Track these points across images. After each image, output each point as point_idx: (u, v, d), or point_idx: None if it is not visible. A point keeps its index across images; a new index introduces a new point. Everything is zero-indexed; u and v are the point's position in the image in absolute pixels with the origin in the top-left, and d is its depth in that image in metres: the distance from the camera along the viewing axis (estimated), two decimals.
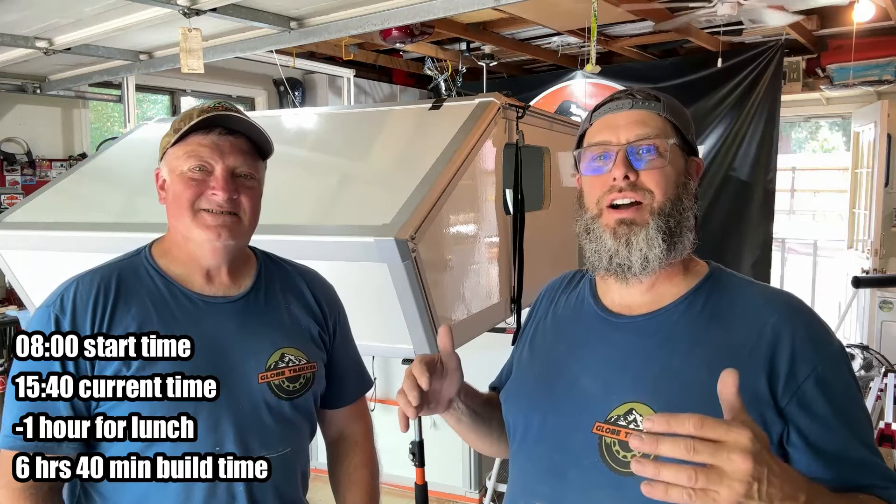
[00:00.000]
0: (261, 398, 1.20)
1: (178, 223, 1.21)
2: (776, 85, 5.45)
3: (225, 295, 1.24)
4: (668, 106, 1.05)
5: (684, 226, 1.01)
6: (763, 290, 1.03)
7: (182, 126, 1.19)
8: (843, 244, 6.28)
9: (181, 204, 1.19)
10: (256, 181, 1.25)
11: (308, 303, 1.34)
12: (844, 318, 4.97)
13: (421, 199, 1.78)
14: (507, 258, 2.32)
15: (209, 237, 1.18)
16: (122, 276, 1.19)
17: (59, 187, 2.60)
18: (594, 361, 1.02)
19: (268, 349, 1.23)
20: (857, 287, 4.37)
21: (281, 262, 1.38)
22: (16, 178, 4.31)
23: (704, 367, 0.92)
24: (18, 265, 2.47)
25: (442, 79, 5.86)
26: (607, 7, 3.97)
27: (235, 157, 1.20)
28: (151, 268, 1.22)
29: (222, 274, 1.24)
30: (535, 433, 1.06)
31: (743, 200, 5.60)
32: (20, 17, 2.87)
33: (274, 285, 1.31)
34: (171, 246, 1.25)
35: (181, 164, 1.19)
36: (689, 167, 1.05)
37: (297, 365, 1.26)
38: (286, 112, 2.79)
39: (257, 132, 1.23)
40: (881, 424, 2.69)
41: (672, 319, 1.00)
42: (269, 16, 2.85)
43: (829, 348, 0.95)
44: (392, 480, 3.61)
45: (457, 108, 2.21)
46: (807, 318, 0.97)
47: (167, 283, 1.21)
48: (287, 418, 1.24)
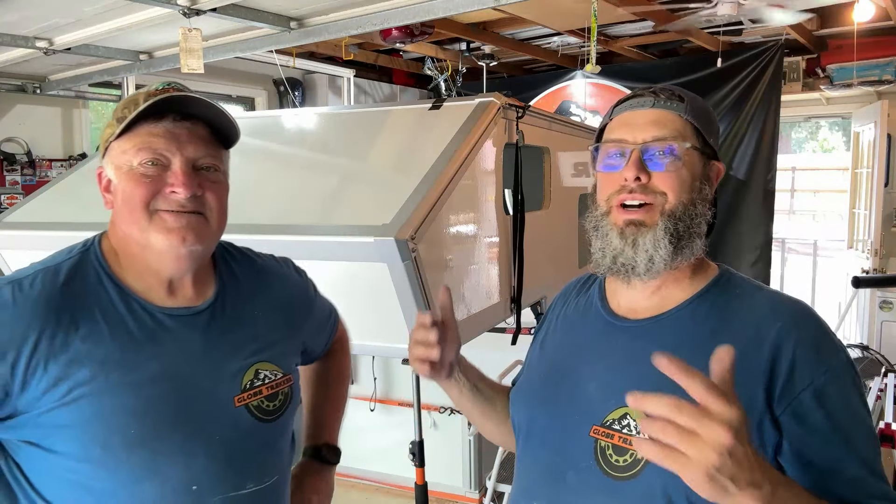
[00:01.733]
0: (242, 424, 1.05)
1: (130, 229, 1.01)
2: (776, 85, 5.45)
3: (188, 306, 1.06)
4: (692, 107, 1.01)
5: (694, 231, 0.99)
6: (771, 296, 1.00)
7: (126, 114, 0.99)
8: (843, 244, 6.28)
9: (133, 206, 0.99)
10: (221, 173, 1.07)
11: (278, 303, 1.20)
12: (844, 318, 4.97)
13: (421, 199, 1.77)
14: (507, 258, 2.32)
15: (172, 243, 1.00)
16: (69, 286, 0.98)
17: (59, 187, 2.60)
18: (596, 365, 1.02)
19: (241, 367, 1.08)
20: (857, 287, 4.38)
21: (241, 255, 1.21)
22: (16, 178, 4.31)
23: (704, 374, 0.92)
24: (18, 265, 2.47)
25: (442, 79, 5.86)
26: (607, 7, 3.97)
27: (195, 146, 1.02)
28: (104, 273, 1.02)
29: (186, 285, 1.06)
30: (538, 434, 1.06)
31: (743, 200, 5.61)
32: (20, 17, 2.87)
33: (240, 290, 1.15)
34: (123, 254, 1.04)
35: (130, 158, 1.00)
36: (708, 171, 1.02)
37: (273, 381, 1.12)
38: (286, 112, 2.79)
39: (220, 115, 1.04)
40: (881, 424, 2.69)
41: (676, 324, 0.99)
42: (269, 16, 2.84)
43: (833, 360, 0.91)
44: (392, 480, 3.61)
45: (457, 108, 2.21)
46: (813, 328, 0.93)
47: (123, 294, 1.01)
48: (271, 443, 1.11)
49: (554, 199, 2.77)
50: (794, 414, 0.88)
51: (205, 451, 1.01)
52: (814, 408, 0.88)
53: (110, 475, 0.95)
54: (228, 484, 1.03)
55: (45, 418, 0.93)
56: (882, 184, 5.34)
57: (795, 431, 0.88)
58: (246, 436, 1.06)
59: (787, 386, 0.89)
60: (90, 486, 0.95)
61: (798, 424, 0.88)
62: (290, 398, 1.16)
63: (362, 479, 3.64)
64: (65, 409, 0.93)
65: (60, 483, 0.96)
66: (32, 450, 0.95)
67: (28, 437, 0.95)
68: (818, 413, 0.87)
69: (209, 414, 1.03)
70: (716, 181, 1.04)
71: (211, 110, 1.03)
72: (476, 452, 3.43)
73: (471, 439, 3.40)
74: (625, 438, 0.94)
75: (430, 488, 2.42)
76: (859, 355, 4.15)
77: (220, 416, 1.04)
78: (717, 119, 1.06)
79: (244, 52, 3.40)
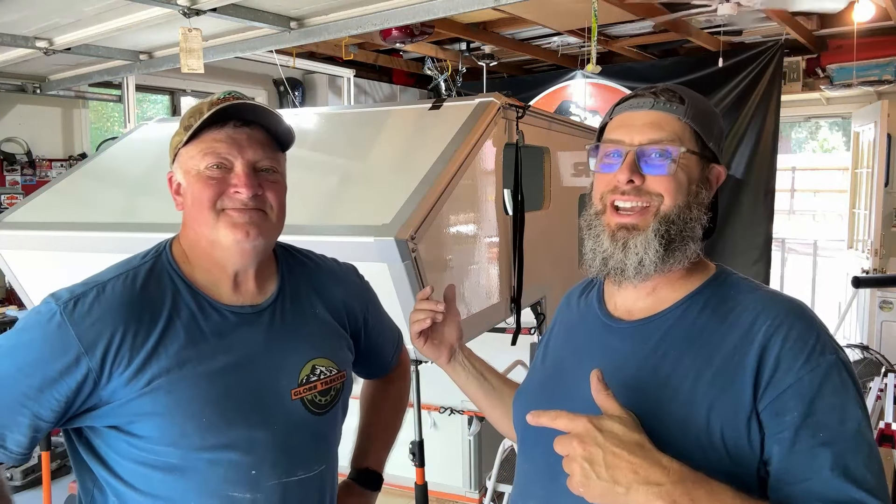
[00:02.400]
0: (296, 416, 1.13)
1: (201, 227, 1.10)
2: (776, 85, 5.46)
3: (252, 304, 1.15)
4: (693, 109, 0.99)
5: (687, 235, 0.98)
6: (764, 294, 0.98)
7: (192, 122, 1.09)
8: (843, 244, 6.29)
9: (202, 205, 1.08)
10: (280, 174, 1.16)
11: (336, 303, 1.27)
12: (844, 318, 4.97)
13: (421, 199, 1.78)
14: (507, 258, 2.32)
15: (237, 237, 1.08)
16: (146, 288, 1.08)
17: (59, 187, 2.60)
18: (590, 366, 1.01)
19: (298, 362, 1.15)
20: (857, 287, 4.37)
21: (302, 256, 1.29)
22: (16, 178, 4.31)
23: (691, 375, 0.92)
24: (18, 265, 2.47)
25: (442, 79, 5.86)
26: (607, 7, 3.97)
27: (255, 150, 1.10)
28: (176, 275, 1.11)
29: (249, 280, 1.15)
30: (534, 435, 1.06)
31: (743, 200, 5.61)
32: (20, 17, 2.87)
33: (299, 288, 1.22)
34: (193, 253, 1.14)
35: (197, 163, 1.09)
36: (707, 175, 1.00)
37: (328, 377, 1.19)
38: (286, 112, 2.78)
39: (276, 121, 1.13)
40: (881, 424, 2.69)
41: (667, 324, 0.98)
42: (269, 16, 2.85)
43: (822, 359, 0.88)
44: (392, 480, 3.60)
45: (457, 108, 2.21)
46: (802, 326, 0.90)
47: (194, 294, 1.10)
48: (322, 435, 1.18)
49: (554, 199, 2.77)
50: (774, 411, 0.87)
51: (265, 439, 1.09)
52: (793, 406, 0.86)
53: (183, 456, 1.05)
54: (281, 470, 1.11)
55: (129, 406, 1.03)
56: (882, 184, 5.34)
57: (773, 429, 0.87)
58: (299, 427, 1.14)
59: (772, 383, 0.87)
60: (163, 465, 1.05)
61: (776, 422, 0.86)
62: (342, 393, 1.23)
63: None
64: (146, 398, 1.03)
65: (135, 462, 1.05)
66: (114, 434, 1.05)
67: (111, 423, 1.04)
68: (795, 412, 0.86)
69: (270, 405, 1.11)
70: (716, 185, 1.02)
71: (268, 117, 1.12)
72: (476, 452, 3.43)
73: (471, 439, 3.40)
74: None
75: (430, 488, 2.41)
76: (859, 356, 4.15)
77: (279, 407, 1.12)
78: (720, 121, 1.04)
79: (244, 52, 3.41)
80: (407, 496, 3.32)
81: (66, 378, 1.00)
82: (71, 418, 1.04)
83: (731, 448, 0.88)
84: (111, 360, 1.01)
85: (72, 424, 1.05)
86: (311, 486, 1.16)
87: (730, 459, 0.87)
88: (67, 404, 1.01)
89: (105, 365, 1.01)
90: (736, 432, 0.88)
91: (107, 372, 1.01)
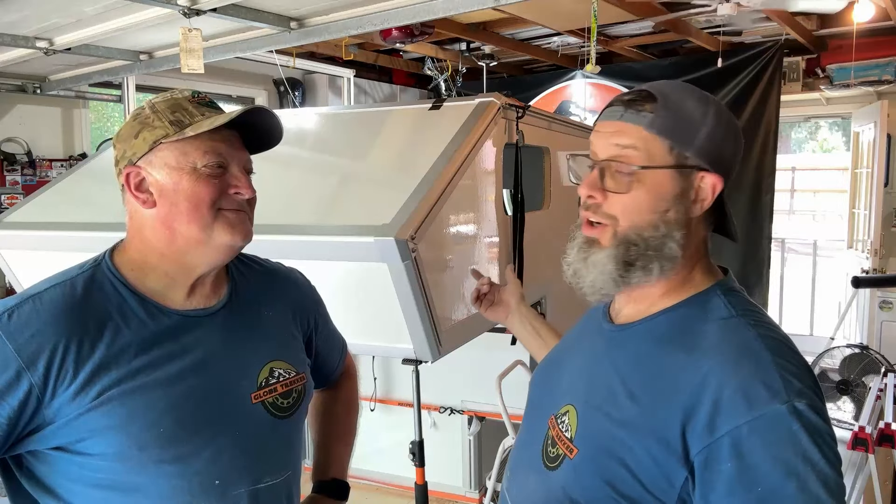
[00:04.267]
0: (258, 420, 1.10)
1: (189, 226, 1.05)
2: (776, 85, 5.45)
3: (205, 307, 1.11)
4: (664, 116, 0.90)
5: (653, 255, 0.91)
6: (726, 328, 0.89)
7: (181, 118, 1.05)
8: (843, 244, 6.28)
9: (199, 204, 1.04)
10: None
11: (286, 306, 1.24)
12: (844, 318, 4.97)
13: (421, 199, 1.78)
14: (507, 258, 2.32)
15: (235, 239, 1.07)
16: (89, 297, 1.01)
17: (59, 187, 2.60)
18: (575, 362, 1.07)
19: (256, 364, 1.12)
20: (857, 287, 4.38)
21: (250, 261, 1.27)
22: (16, 178, 4.31)
23: (633, 393, 0.89)
24: (18, 265, 2.47)
25: (442, 79, 5.86)
26: (607, 7, 3.97)
27: (242, 153, 1.10)
28: (119, 283, 1.05)
29: (207, 283, 1.11)
30: (522, 428, 1.14)
31: (743, 200, 5.60)
32: (20, 17, 2.87)
33: (251, 292, 1.20)
34: (151, 256, 1.08)
35: (193, 160, 1.04)
36: (689, 186, 0.92)
37: (287, 378, 1.16)
38: (286, 112, 2.79)
39: (277, 127, 1.14)
40: (881, 424, 2.69)
41: (636, 335, 0.96)
42: (269, 16, 2.85)
43: (768, 409, 0.79)
44: (392, 480, 3.61)
45: (457, 108, 2.21)
46: (751, 369, 0.82)
47: (141, 300, 1.04)
48: (286, 439, 1.16)
49: (554, 199, 2.77)
50: (706, 459, 0.81)
51: (227, 447, 1.05)
52: (727, 457, 0.79)
53: (142, 472, 0.99)
54: (248, 478, 1.07)
55: (78, 423, 0.95)
56: (882, 184, 5.34)
57: (703, 478, 0.81)
58: (262, 432, 1.10)
59: (707, 430, 0.81)
60: (120, 484, 0.98)
61: (707, 471, 0.80)
62: (303, 395, 1.20)
63: (362, 479, 3.64)
64: (96, 413, 0.96)
65: (88, 485, 0.98)
66: (62, 456, 0.97)
67: (57, 443, 0.97)
68: (729, 463, 0.79)
69: (230, 410, 1.07)
70: (710, 192, 0.93)
71: (274, 122, 1.14)
72: (476, 452, 3.43)
73: (471, 439, 3.40)
74: (559, 433, 0.97)
75: (430, 488, 2.41)
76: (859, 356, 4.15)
77: (240, 412, 1.08)
78: (706, 120, 0.92)
79: (244, 52, 3.40)
80: (407, 496, 3.33)
81: (7, 397, 0.92)
82: (13, 444, 0.95)
83: (647, 484, 0.86)
84: (55, 374, 0.94)
85: (13, 451, 0.97)
86: (279, 491, 1.13)
87: (644, 489, 0.86)
88: (10, 426, 0.93)
89: (49, 380, 0.93)
90: (653, 472, 0.85)
91: (50, 387, 0.94)
